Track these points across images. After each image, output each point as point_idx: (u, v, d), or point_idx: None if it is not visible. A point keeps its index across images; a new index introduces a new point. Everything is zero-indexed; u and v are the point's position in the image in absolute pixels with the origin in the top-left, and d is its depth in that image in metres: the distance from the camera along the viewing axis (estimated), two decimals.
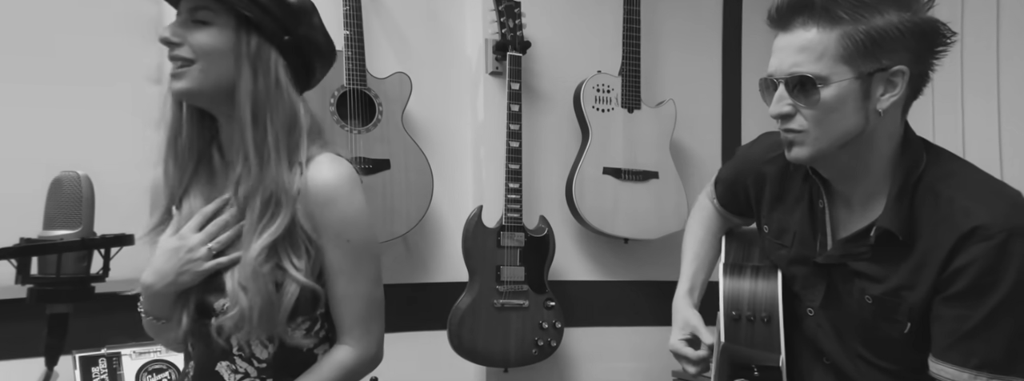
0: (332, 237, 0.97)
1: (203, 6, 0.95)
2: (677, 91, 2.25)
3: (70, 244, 0.79)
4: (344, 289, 0.99)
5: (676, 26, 2.32)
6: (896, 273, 0.98)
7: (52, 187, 0.83)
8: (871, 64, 0.92)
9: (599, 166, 2.10)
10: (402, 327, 2.07)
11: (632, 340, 2.27)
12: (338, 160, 1.00)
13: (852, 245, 1.02)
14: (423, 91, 2.04)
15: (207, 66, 0.94)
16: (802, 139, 0.97)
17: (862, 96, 0.94)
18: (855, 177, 1.01)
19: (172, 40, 0.94)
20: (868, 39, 0.91)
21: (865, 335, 1.04)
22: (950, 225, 0.93)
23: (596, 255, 2.24)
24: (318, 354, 1.02)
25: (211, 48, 0.94)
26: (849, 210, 1.05)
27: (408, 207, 1.95)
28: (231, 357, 0.99)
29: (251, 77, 0.95)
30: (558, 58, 2.17)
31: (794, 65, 0.94)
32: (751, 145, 1.24)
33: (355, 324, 1.01)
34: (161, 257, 0.97)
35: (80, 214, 0.82)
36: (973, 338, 0.94)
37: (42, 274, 0.79)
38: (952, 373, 0.95)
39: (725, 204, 1.30)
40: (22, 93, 1.69)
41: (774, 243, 1.15)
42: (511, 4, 2.02)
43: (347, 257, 0.98)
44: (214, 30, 0.95)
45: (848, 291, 1.04)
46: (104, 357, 1.67)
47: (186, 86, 0.94)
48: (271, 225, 0.94)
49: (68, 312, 0.80)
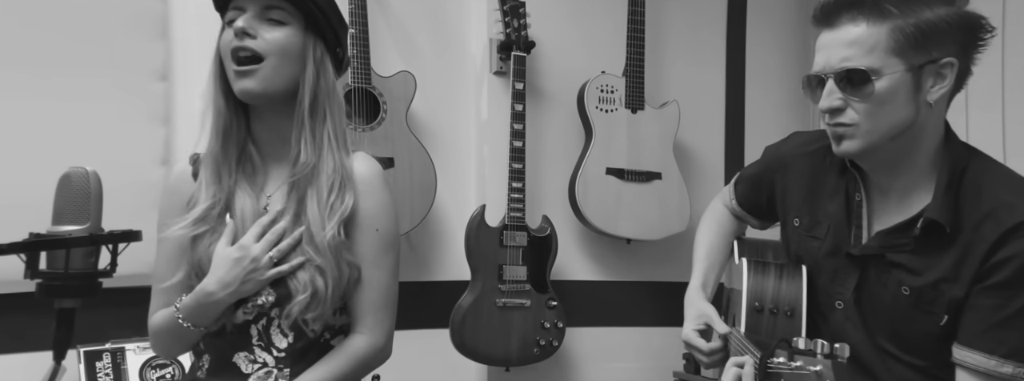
0: (365, 225, 1.03)
1: (277, 6, 0.99)
2: (681, 92, 2.25)
3: (78, 239, 0.80)
4: (366, 276, 1.04)
5: (680, 27, 2.32)
6: (938, 265, 0.99)
7: (61, 183, 0.84)
8: (922, 56, 0.94)
9: (602, 166, 2.10)
10: (404, 325, 2.05)
11: (634, 340, 2.27)
12: (370, 157, 1.09)
13: (894, 237, 1.03)
14: (427, 90, 2.04)
15: (279, 64, 0.99)
16: (853, 132, 0.99)
17: (913, 88, 0.96)
18: (899, 169, 1.03)
19: (249, 32, 0.97)
20: (918, 32, 0.93)
21: (896, 329, 1.05)
22: (995, 220, 0.95)
23: (598, 255, 2.24)
24: (334, 344, 1.05)
25: (286, 47, 0.99)
26: (886, 202, 1.06)
27: (412, 205, 1.96)
28: (250, 347, 1.01)
29: (315, 77, 1.01)
30: (562, 58, 2.18)
31: (845, 59, 0.96)
32: (781, 143, 1.26)
33: (370, 312, 1.04)
34: (223, 266, 0.98)
35: (88, 210, 0.82)
36: (1006, 327, 0.95)
37: (51, 269, 0.80)
38: (979, 360, 0.96)
39: (743, 203, 1.31)
40: (32, 90, 1.70)
41: (805, 236, 1.15)
42: (516, 4, 2.03)
43: (375, 245, 1.04)
44: (289, 30, 1.00)
45: (883, 283, 1.04)
46: (108, 352, 1.68)
47: (257, 86, 0.98)
48: (340, 205, 1.00)
49: (76, 307, 0.81)
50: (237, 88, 0.99)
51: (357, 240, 1.03)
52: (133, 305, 1.09)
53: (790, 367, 0.90)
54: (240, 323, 1.02)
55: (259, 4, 0.99)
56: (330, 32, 1.03)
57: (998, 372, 0.95)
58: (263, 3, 0.99)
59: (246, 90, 0.99)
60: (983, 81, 1.84)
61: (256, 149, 1.06)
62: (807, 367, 0.87)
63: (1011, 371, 0.95)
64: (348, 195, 1.01)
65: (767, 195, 1.24)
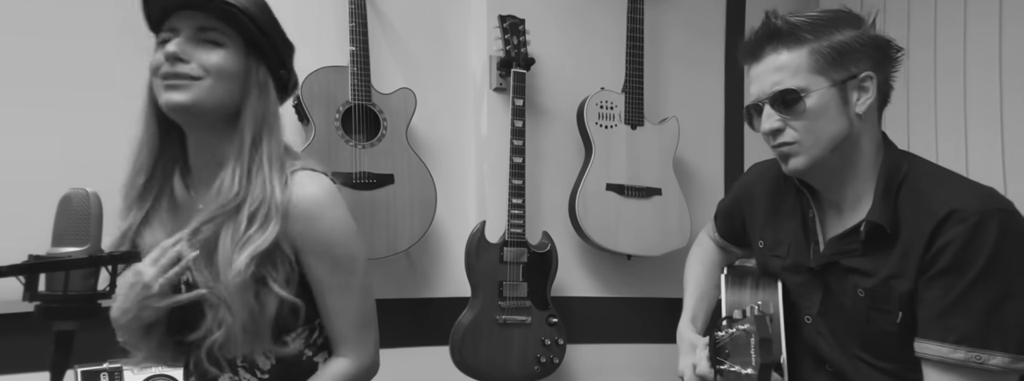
0: (317, 252, 0.97)
1: (213, 27, 0.95)
2: (680, 108, 2.26)
3: (78, 261, 0.79)
4: (335, 303, 1.00)
5: (679, 43, 2.33)
6: (886, 264, 1.04)
7: (61, 204, 0.84)
8: (842, 73, 1.05)
9: (602, 182, 2.10)
10: (404, 342, 2.07)
11: (635, 357, 2.26)
12: (316, 175, 1.00)
13: (843, 243, 1.09)
14: (427, 107, 2.05)
15: (215, 84, 0.95)
16: (796, 150, 1.07)
17: (841, 101, 1.05)
18: (844, 182, 1.10)
19: (181, 57, 0.94)
20: (834, 51, 1.04)
21: (861, 332, 1.08)
22: (929, 213, 1.01)
23: (599, 271, 2.23)
24: (318, 362, 1.03)
25: (224, 69, 0.95)
26: (839, 215, 1.12)
27: (411, 222, 1.95)
28: (235, 369, 1.00)
29: (257, 100, 0.97)
30: (562, 75, 2.19)
31: (775, 83, 1.06)
32: (745, 175, 1.37)
33: (350, 335, 1.01)
34: (121, 292, 0.95)
35: (88, 231, 0.82)
36: (953, 314, 0.98)
37: (50, 291, 0.79)
38: (934, 348, 0.99)
39: (724, 235, 1.39)
40: (33, 112, 1.71)
41: (769, 256, 1.22)
42: (515, 21, 2.04)
43: (334, 271, 0.98)
44: (226, 52, 0.96)
45: (842, 290, 1.10)
46: (106, 372, 1.66)
47: (189, 98, 0.93)
48: (257, 238, 0.93)
49: (74, 329, 0.80)
50: (163, 101, 0.93)
51: (314, 269, 0.97)
52: None
53: (730, 335, 1.03)
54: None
55: (193, 25, 0.94)
56: (273, 53, 0.98)
57: (951, 358, 0.97)
58: (197, 24, 0.94)
59: (176, 102, 0.93)
60: (982, 101, 1.87)
61: (188, 176, 1.01)
62: (738, 327, 1.00)
63: (963, 356, 0.97)
64: (272, 226, 0.93)
65: (740, 224, 1.32)
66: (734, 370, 0.99)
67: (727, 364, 1.03)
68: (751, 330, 0.95)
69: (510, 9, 2.07)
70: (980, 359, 0.96)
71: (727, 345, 1.04)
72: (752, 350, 0.94)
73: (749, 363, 0.95)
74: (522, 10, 2.08)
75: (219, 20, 0.95)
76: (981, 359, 0.96)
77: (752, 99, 1.09)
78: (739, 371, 0.97)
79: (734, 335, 1.01)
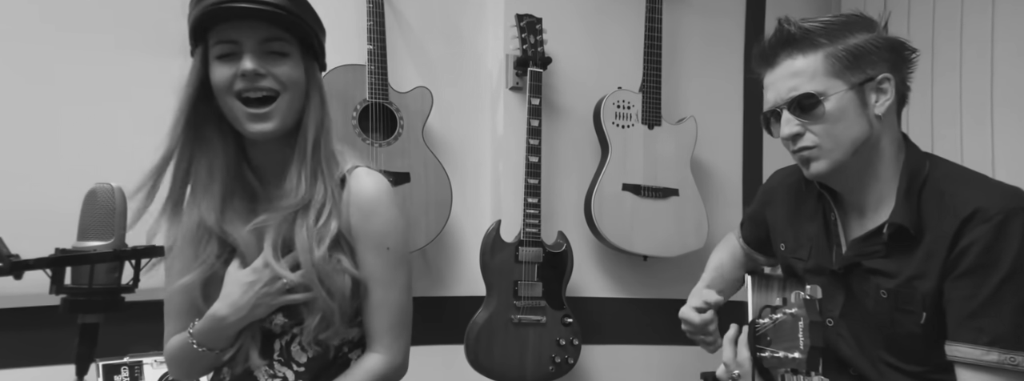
0: (373, 246, 1.01)
1: (278, 37, 0.94)
2: (698, 108, 2.25)
3: (103, 255, 0.80)
4: (380, 296, 1.02)
5: (697, 42, 2.32)
6: (909, 265, 1.03)
7: (87, 199, 0.85)
8: (859, 75, 1.04)
9: (618, 182, 2.10)
10: (419, 340, 2.04)
11: (650, 358, 2.25)
12: (374, 173, 1.04)
13: (866, 244, 1.08)
14: (444, 105, 2.05)
15: (292, 98, 0.96)
16: (817, 154, 1.06)
17: (860, 104, 1.05)
18: (866, 184, 1.09)
19: (260, 72, 0.93)
20: (850, 55, 1.04)
21: (886, 335, 1.07)
22: (953, 213, 1.00)
23: (614, 272, 2.22)
24: (352, 358, 1.05)
25: (295, 80, 0.96)
26: (861, 217, 1.12)
27: (427, 220, 1.96)
28: (271, 362, 1.01)
29: (318, 105, 0.99)
30: (579, 74, 2.18)
31: (792, 89, 1.05)
32: (766, 183, 1.37)
33: (386, 331, 1.03)
34: (237, 290, 0.97)
35: (113, 225, 0.83)
36: (982, 315, 0.97)
37: (75, 284, 0.81)
38: (966, 351, 0.98)
39: (750, 241, 1.38)
40: (60, 108, 1.73)
41: (791, 258, 1.22)
42: (532, 20, 2.04)
43: (386, 265, 1.02)
44: (292, 62, 0.96)
45: (865, 292, 1.09)
46: (126, 365, 1.68)
47: (275, 126, 0.95)
48: (327, 231, 0.97)
49: (99, 322, 0.82)
50: (252, 130, 0.95)
51: (367, 262, 1.01)
52: (152, 319, 1.09)
53: (773, 321, 1.00)
54: (263, 338, 1.02)
55: (257, 36, 0.93)
56: (322, 51, 1.00)
57: (985, 361, 0.97)
58: (261, 35, 0.93)
59: (263, 132, 0.95)
60: (975, 97, 1.84)
61: (255, 175, 1.03)
62: (784, 312, 0.97)
63: (997, 359, 0.96)
64: (334, 219, 0.98)
65: (764, 231, 1.31)
66: (778, 356, 0.98)
67: (769, 351, 1.02)
68: (800, 314, 0.94)
69: (527, 8, 2.07)
70: (1015, 361, 0.95)
71: (769, 332, 1.03)
72: (801, 333, 0.92)
73: (796, 347, 0.93)
74: (539, 9, 2.08)
75: (283, 29, 0.95)
76: (1015, 361, 0.95)
77: (769, 105, 1.09)
78: (785, 355, 0.96)
79: (778, 321, 1.00)
